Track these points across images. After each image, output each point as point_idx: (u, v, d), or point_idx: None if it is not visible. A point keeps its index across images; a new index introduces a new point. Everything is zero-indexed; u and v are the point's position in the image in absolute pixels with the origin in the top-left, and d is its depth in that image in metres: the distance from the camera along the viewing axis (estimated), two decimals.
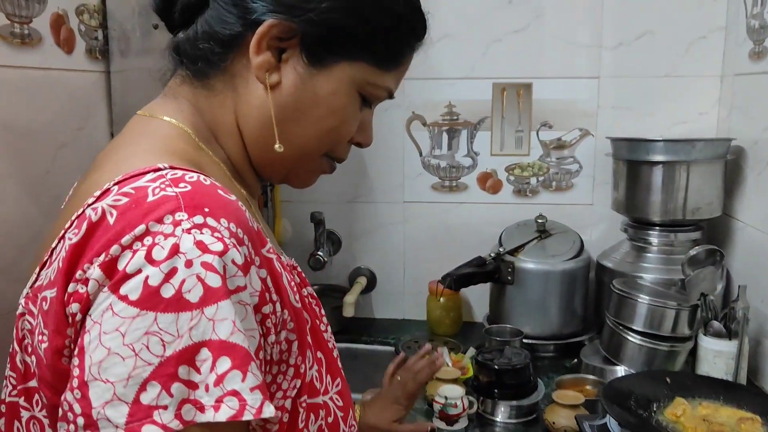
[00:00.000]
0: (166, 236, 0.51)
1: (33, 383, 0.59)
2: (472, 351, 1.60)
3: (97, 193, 0.56)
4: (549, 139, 1.84)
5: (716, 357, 1.37)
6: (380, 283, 1.97)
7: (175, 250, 0.51)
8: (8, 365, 0.63)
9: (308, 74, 0.68)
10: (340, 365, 0.73)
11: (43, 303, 0.56)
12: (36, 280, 0.60)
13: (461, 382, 1.41)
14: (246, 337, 0.52)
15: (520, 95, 1.83)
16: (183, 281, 0.50)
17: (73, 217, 0.57)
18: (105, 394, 0.49)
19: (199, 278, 0.51)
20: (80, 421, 0.50)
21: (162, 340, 0.49)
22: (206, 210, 0.54)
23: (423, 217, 1.93)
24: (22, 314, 0.60)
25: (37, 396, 0.59)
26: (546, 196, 1.87)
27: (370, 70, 0.70)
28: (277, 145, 0.69)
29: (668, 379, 1.25)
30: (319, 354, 0.68)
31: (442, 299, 1.82)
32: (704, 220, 1.64)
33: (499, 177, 1.88)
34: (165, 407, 0.49)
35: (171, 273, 0.50)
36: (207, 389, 0.50)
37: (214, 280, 0.51)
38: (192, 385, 0.50)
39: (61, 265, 0.55)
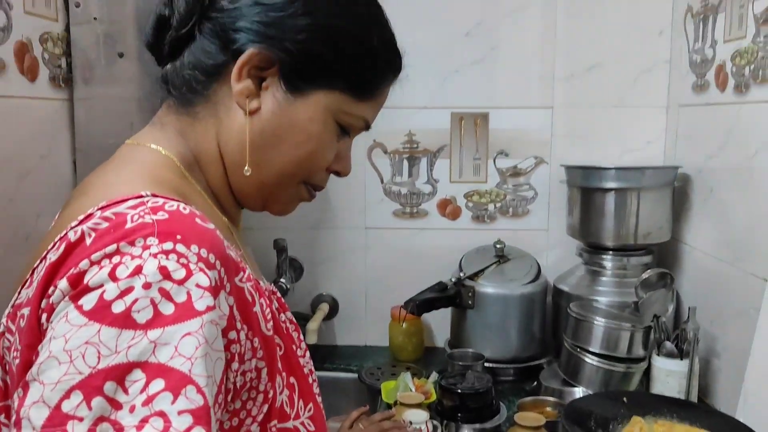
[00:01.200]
0: (133, 257, 0.52)
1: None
2: (435, 375, 1.61)
3: (81, 217, 0.58)
4: (506, 167, 1.90)
5: (668, 376, 1.42)
6: (342, 309, 1.97)
7: (137, 271, 0.52)
8: None
9: (286, 101, 0.70)
10: (316, 391, 0.74)
11: (21, 320, 0.57)
12: (17, 298, 0.61)
13: (425, 407, 1.42)
14: (203, 361, 0.52)
15: (478, 124, 1.88)
16: (135, 300, 0.51)
17: (56, 239, 0.58)
18: (35, 395, 0.49)
19: (152, 302, 0.51)
20: (14, 417, 0.50)
21: (98, 352, 0.49)
22: (178, 237, 0.55)
23: (384, 243, 1.95)
24: (2, 333, 0.61)
25: None
26: (503, 222, 1.92)
27: (345, 99, 0.73)
28: (245, 168, 0.71)
29: (625, 399, 1.29)
30: (292, 379, 0.69)
31: (404, 324, 1.84)
32: (655, 245, 1.70)
33: (458, 204, 1.92)
34: (81, 419, 0.48)
35: (126, 291, 0.51)
36: (132, 410, 0.49)
37: (166, 308, 0.52)
38: (116, 405, 0.49)
39: (38, 283, 0.56)
